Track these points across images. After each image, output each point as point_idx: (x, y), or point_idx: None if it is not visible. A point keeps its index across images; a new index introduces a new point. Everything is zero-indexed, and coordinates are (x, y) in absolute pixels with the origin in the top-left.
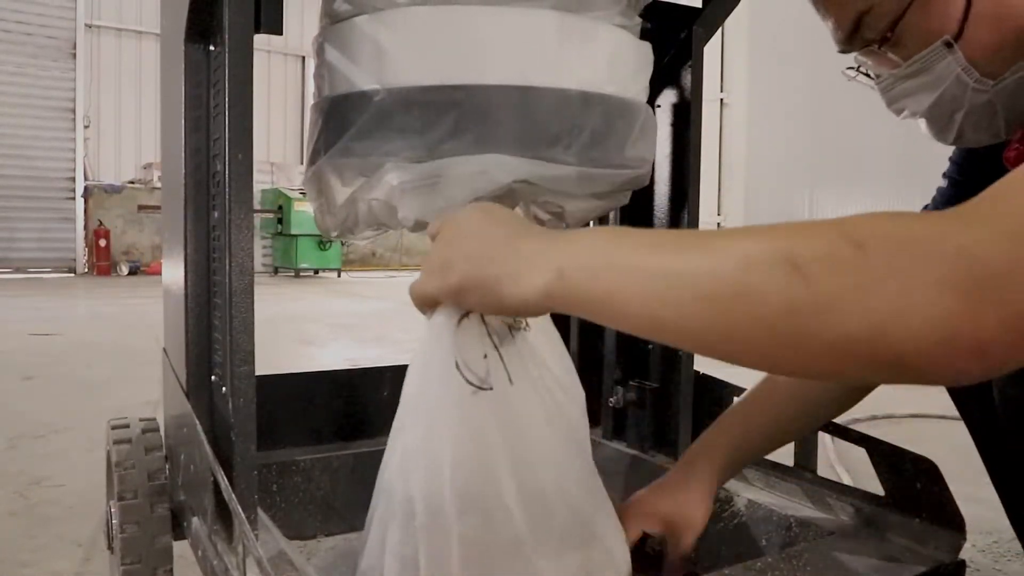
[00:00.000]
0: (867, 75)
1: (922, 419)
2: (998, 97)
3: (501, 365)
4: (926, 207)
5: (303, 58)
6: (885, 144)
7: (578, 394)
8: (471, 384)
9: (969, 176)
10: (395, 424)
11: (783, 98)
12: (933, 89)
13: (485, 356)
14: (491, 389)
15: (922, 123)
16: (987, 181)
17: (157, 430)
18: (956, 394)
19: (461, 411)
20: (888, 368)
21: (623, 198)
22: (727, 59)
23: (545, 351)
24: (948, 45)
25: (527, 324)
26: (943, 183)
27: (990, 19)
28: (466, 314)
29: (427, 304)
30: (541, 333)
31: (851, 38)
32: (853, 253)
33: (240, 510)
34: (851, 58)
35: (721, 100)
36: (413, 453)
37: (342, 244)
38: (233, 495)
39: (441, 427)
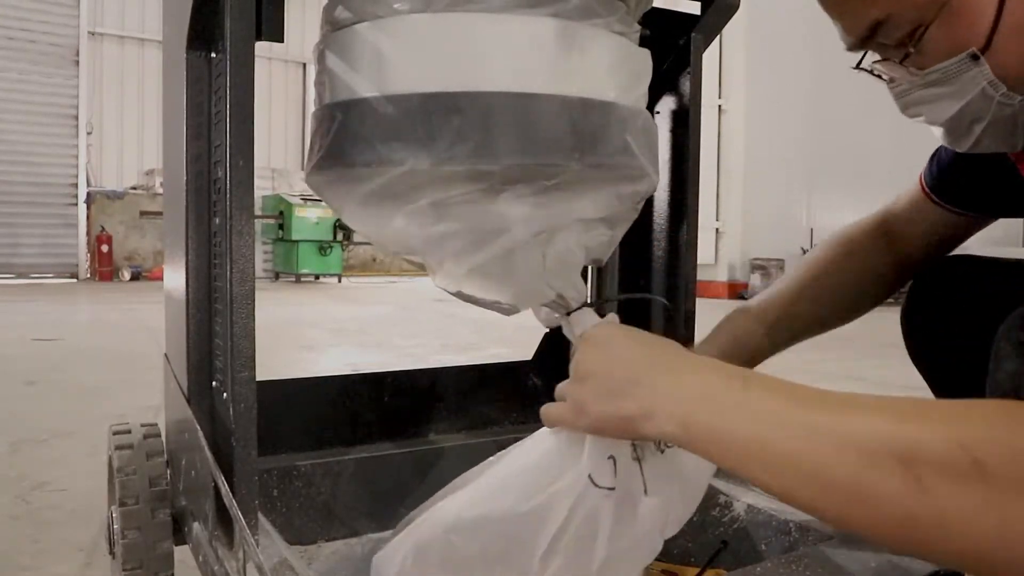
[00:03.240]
0: (878, 76)
1: None
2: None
3: (640, 475)
4: (933, 157)
5: (304, 65)
6: (882, 150)
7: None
8: (598, 486)
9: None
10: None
11: (781, 104)
12: (955, 100)
13: (610, 457)
14: (613, 489)
15: (937, 129)
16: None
17: (158, 435)
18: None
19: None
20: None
21: (633, 213)
22: (725, 66)
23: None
24: (974, 57)
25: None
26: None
27: (1022, 32)
28: None
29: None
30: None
31: (864, 43)
32: (971, 469)
33: (241, 515)
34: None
35: (719, 106)
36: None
37: (343, 249)
38: (234, 500)
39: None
